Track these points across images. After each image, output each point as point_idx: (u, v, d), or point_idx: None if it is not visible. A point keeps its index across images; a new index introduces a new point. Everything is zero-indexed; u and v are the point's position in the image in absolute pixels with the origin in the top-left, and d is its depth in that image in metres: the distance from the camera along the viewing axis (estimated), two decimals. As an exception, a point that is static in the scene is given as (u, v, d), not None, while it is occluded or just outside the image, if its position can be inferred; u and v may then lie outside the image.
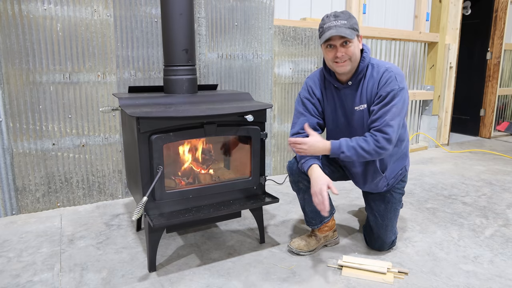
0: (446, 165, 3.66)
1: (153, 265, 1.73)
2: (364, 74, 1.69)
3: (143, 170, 1.66)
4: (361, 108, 1.70)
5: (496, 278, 1.70)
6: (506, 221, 2.32)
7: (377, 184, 1.80)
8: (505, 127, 5.22)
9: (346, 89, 1.73)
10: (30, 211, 2.38)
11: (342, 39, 1.58)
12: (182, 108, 1.71)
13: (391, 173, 1.80)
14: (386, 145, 1.60)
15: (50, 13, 2.25)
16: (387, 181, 1.81)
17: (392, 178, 1.82)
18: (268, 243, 2.02)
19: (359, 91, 1.70)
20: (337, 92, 1.77)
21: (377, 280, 1.67)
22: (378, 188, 1.82)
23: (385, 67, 1.66)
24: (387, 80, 1.62)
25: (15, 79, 2.22)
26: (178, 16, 1.83)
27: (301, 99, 1.84)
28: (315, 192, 1.60)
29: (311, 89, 1.82)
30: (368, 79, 1.68)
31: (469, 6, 4.92)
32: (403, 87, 1.62)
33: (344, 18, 1.58)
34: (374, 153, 1.62)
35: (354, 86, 1.71)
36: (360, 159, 1.64)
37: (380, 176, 1.77)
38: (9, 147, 2.27)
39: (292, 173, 1.86)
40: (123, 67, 2.49)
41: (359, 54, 1.65)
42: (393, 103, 1.60)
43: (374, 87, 1.66)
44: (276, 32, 3.00)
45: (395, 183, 1.85)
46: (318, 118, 1.83)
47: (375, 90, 1.66)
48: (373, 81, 1.67)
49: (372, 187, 1.83)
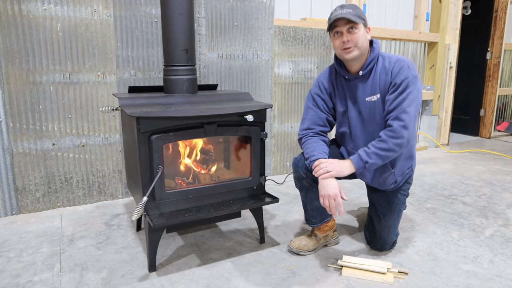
0: (446, 165, 3.66)
1: (153, 265, 1.73)
2: (375, 64, 1.71)
3: (143, 170, 1.66)
4: (373, 99, 1.71)
5: (496, 278, 1.70)
6: (506, 221, 2.32)
7: (386, 179, 1.79)
8: (505, 127, 5.22)
9: (357, 80, 1.73)
10: (30, 211, 2.38)
11: (347, 25, 1.61)
12: (182, 108, 1.71)
13: (399, 170, 1.80)
14: (402, 132, 1.59)
15: (50, 13, 2.25)
16: (395, 178, 1.80)
17: (400, 176, 1.82)
18: (268, 243, 2.02)
19: (370, 82, 1.71)
20: (347, 84, 1.78)
21: (377, 280, 1.67)
22: (385, 184, 1.81)
23: (396, 57, 1.69)
24: (400, 68, 1.64)
25: (15, 79, 2.22)
26: (178, 16, 1.83)
27: (312, 95, 1.85)
28: (329, 195, 1.60)
29: (322, 85, 1.83)
30: (380, 70, 1.70)
31: (469, 6, 4.92)
32: (416, 76, 1.63)
33: (350, 8, 1.63)
34: (395, 147, 1.60)
35: (365, 76, 1.72)
36: (386, 160, 1.63)
37: (389, 171, 1.77)
38: (9, 147, 2.27)
39: (297, 170, 1.85)
40: (123, 67, 2.49)
41: (366, 42, 1.66)
42: (409, 90, 1.60)
43: (387, 77, 1.67)
44: (276, 32, 3.01)
45: (401, 183, 1.85)
46: (328, 114, 1.83)
47: (389, 80, 1.66)
48: (385, 71, 1.68)
49: (380, 182, 1.82)
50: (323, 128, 1.82)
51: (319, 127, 1.82)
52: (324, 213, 1.90)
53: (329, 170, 1.63)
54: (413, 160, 1.85)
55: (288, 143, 3.27)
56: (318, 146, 1.73)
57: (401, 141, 1.60)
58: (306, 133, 1.82)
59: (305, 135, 1.81)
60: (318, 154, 1.70)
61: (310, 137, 1.79)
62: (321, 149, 1.72)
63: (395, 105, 1.62)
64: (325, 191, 1.61)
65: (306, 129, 1.82)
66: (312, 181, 1.82)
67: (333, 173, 1.63)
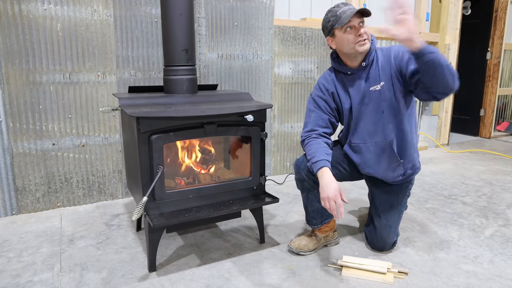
0: (446, 165, 3.66)
1: (153, 265, 1.73)
2: (375, 55, 1.75)
3: (143, 170, 1.66)
4: (377, 88, 1.73)
5: (496, 278, 1.70)
6: (506, 221, 2.32)
7: (395, 169, 1.80)
8: (505, 127, 5.22)
9: (359, 72, 1.76)
10: (30, 211, 2.38)
11: (359, 19, 1.65)
12: (182, 108, 1.71)
13: (408, 162, 1.81)
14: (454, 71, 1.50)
15: (50, 13, 2.25)
16: (403, 169, 1.81)
17: (410, 169, 1.83)
18: (268, 243, 2.02)
19: (372, 72, 1.74)
20: (348, 79, 1.79)
21: (377, 280, 1.67)
22: (394, 175, 1.82)
23: (391, 45, 1.77)
24: (399, 48, 1.72)
25: (15, 79, 2.22)
26: (178, 16, 1.83)
27: (313, 97, 1.85)
28: (329, 197, 1.59)
29: (323, 86, 1.84)
30: (380, 59, 1.74)
31: (469, 6, 4.92)
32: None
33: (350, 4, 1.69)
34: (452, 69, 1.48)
35: (367, 67, 1.75)
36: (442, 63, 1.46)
37: (397, 162, 1.78)
38: (9, 147, 2.27)
39: (299, 171, 1.85)
40: (123, 67, 2.49)
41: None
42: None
43: (390, 61, 1.72)
44: (276, 32, 3.00)
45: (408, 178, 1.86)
46: (330, 116, 1.83)
47: (393, 64, 1.71)
48: (385, 58, 1.74)
49: (387, 174, 1.82)
50: (326, 130, 1.82)
51: (322, 128, 1.81)
52: (325, 214, 1.90)
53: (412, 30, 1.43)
54: (418, 157, 1.88)
55: (288, 143, 3.27)
56: (320, 148, 1.73)
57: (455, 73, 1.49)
58: (308, 134, 1.81)
59: (308, 137, 1.81)
60: (320, 156, 1.69)
61: (312, 138, 1.79)
62: (324, 151, 1.71)
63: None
64: (325, 193, 1.60)
65: (309, 131, 1.82)
66: (313, 183, 1.82)
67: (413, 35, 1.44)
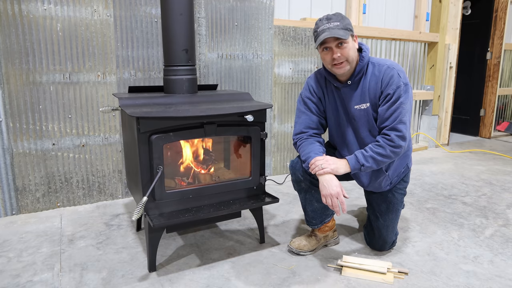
0: (446, 165, 3.66)
1: (153, 265, 1.73)
2: (364, 72, 1.70)
3: (143, 170, 1.66)
4: (362, 107, 1.70)
5: (496, 278, 1.70)
6: (506, 221, 2.32)
7: (381, 183, 1.80)
8: (505, 127, 5.22)
9: (345, 88, 1.73)
10: (30, 211, 2.38)
11: (336, 41, 1.59)
12: (182, 108, 1.71)
13: (394, 172, 1.80)
14: (400, 142, 1.61)
15: (50, 13, 2.25)
16: (390, 180, 1.81)
17: (396, 177, 1.82)
18: (268, 243, 2.02)
19: (359, 90, 1.70)
20: (337, 92, 1.77)
21: (377, 280, 1.67)
22: (381, 187, 1.82)
23: (386, 64, 1.67)
24: (391, 78, 1.63)
25: (15, 79, 2.22)
26: (178, 16, 1.83)
27: (303, 98, 1.85)
28: (331, 194, 1.60)
29: (313, 88, 1.83)
30: (369, 78, 1.68)
31: (469, 6, 4.92)
32: (407, 83, 1.63)
33: (337, 20, 1.58)
34: (392, 154, 1.62)
35: (354, 85, 1.71)
36: (380, 165, 1.65)
37: (383, 175, 1.78)
38: (9, 147, 2.27)
39: (295, 173, 1.86)
40: (123, 67, 2.49)
41: (355, 54, 1.65)
42: (401, 100, 1.61)
43: (377, 86, 1.66)
44: (276, 32, 3.00)
45: (398, 182, 1.85)
46: (320, 117, 1.84)
47: (379, 89, 1.66)
48: (375, 79, 1.67)
49: (375, 187, 1.83)
50: (316, 131, 1.83)
51: (312, 130, 1.82)
52: (324, 214, 1.90)
53: (323, 167, 1.63)
54: (408, 158, 1.85)
55: (288, 143, 3.27)
56: (314, 147, 1.74)
57: (399, 150, 1.63)
58: (300, 136, 1.83)
59: (300, 139, 1.82)
60: (314, 155, 1.70)
61: (304, 139, 1.80)
62: (317, 150, 1.72)
63: (389, 115, 1.63)
64: (327, 190, 1.61)
65: (300, 133, 1.83)
66: (310, 183, 1.82)
67: (327, 170, 1.63)
